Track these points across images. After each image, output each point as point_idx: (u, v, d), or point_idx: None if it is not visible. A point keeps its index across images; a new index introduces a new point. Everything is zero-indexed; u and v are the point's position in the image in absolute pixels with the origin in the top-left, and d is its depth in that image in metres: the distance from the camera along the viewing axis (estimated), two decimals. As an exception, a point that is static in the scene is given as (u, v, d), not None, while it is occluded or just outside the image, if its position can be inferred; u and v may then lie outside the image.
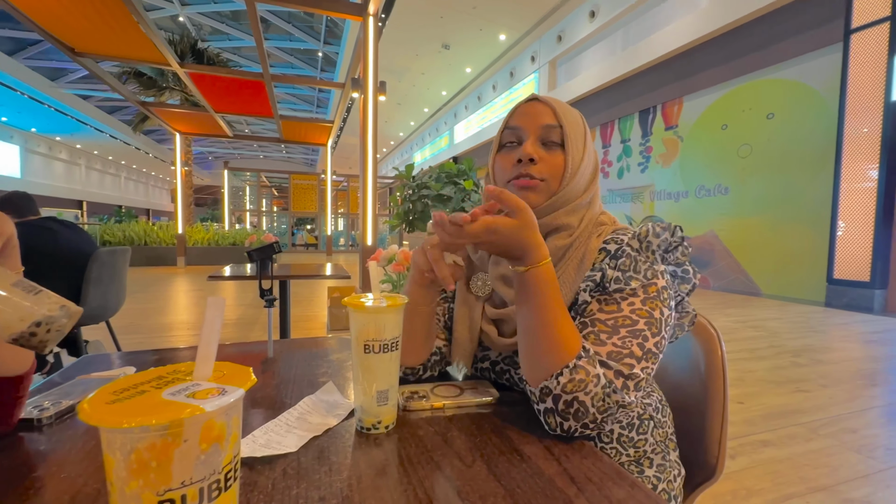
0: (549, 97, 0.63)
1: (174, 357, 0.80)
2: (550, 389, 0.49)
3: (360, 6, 4.26)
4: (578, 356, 0.49)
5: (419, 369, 0.65)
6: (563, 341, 0.50)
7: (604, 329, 0.53)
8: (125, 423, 0.21)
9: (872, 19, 4.75)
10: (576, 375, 0.48)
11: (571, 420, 0.48)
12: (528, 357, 0.52)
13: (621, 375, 0.50)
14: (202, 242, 10.40)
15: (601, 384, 0.48)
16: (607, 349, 0.51)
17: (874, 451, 1.70)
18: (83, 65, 5.25)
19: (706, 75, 6.83)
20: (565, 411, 0.48)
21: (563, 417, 0.48)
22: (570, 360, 0.49)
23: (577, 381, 0.48)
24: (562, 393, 0.48)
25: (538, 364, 0.51)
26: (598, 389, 0.48)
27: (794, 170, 5.64)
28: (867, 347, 3.30)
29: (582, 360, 0.49)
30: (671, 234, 0.57)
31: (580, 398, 0.48)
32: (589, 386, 0.48)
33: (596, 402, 0.48)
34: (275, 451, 0.43)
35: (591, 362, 0.49)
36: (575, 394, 0.48)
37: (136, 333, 3.45)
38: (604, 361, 0.50)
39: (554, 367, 0.49)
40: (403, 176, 5.13)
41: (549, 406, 0.49)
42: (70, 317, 0.40)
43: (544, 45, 10.99)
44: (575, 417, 0.48)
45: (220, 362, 0.29)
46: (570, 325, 0.51)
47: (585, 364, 0.49)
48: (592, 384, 0.48)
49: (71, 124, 19.96)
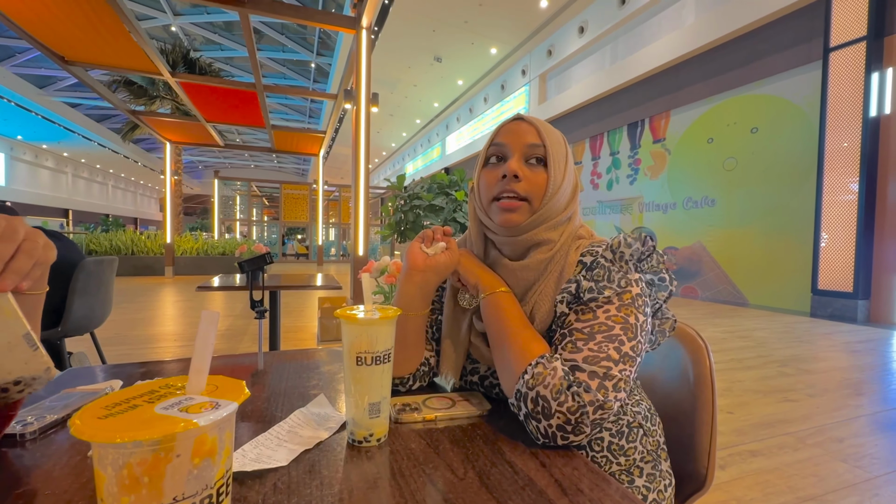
0: (534, 117, 0.65)
1: (161, 370, 0.79)
2: (520, 391, 0.52)
3: (354, 19, 4.31)
4: (541, 356, 0.54)
5: (408, 379, 0.66)
6: (526, 348, 0.55)
7: (580, 337, 0.54)
8: (118, 438, 0.21)
9: (850, 38, 4.92)
10: (535, 370, 0.52)
11: (543, 419, 0.49)
12: (501, 368, 0.57)
13: (597, 376, 0.50)
14: (191, 252, 10.28)
15: (558, 376, 0.50)
16: (583, 354, 0.52)
17: (860, 461, 1.71)
18: (73, 73, 5.21)
19: (692, 90, 7.00)
20: (535, 410, 0.50)
21: (536, 418, 0.50)
22: (531, 360, 0.54)
23: (536, 375, 0.52)
24: (527, 391, 0.51)
25: (509, 371, 0.55)
26: (554, 381, 0.50)
27: (779, 182, 5.78)
28: (852, 357, 3.36)
29: (543, 358, 0.53)
30: (642, 244, 0.59)
31: (541, 392, 0.50)
32: (547, 378, 0.51)
33: (555, 395, 0.49)
34: (265, 466, 0.43)
35: (550, 360, 0.53)
36: (536, 388, 0.51)
37: (122, 345, 3.38)
38: (577, 365, 0.51)
39: (520, 370, 0.54)
40: (395, 186, 5.15)
41: (525, 410, 0.51)
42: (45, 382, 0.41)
43: (535, 59, 11.18)
44: (543, 415, 0.49)
45: (213, 376, 0.29)
46: (531, 336, 0.57)
47: (544, 361, 0.53)
48: (549, 376, 0.51)
49: (58, 132, 19.72)
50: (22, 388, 0.39)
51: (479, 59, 12.25)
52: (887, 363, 3.21)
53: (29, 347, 0.39)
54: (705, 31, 6.58)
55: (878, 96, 4.77)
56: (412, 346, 0.66)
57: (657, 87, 7.65)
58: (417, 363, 0.67)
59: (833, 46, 5.06)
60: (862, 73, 4.81)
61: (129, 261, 9.46)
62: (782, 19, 5.73)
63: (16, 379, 0.39)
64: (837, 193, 5.04)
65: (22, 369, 0.39)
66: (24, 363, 0.39)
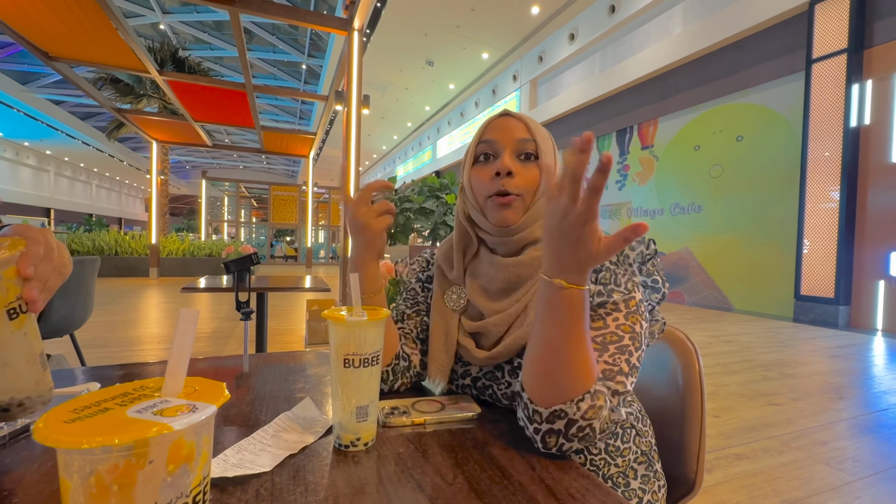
0: (520, 113, 0.65)
1: (142, 372, 0.77)
2: (567, 413, 0.46)
3: (346, 21, 4.30)
4: (597, 380, 0.49)
5: (387, 373, 0.64)
6: (589, 366, 0.48)
7: (594, 346, 0.53)
8: (85, 444, 0.20)
9: (831, 50, 5.05)
10: (596, 402, 0.47)
11: (576, 442, 0.47)
12: (547, 377, 0.48)
13: (617, 394, 0.50)
14: (177, 253, 10.10)
15: (609, 406, 0.48)
16: (600, 367, 0.51)
17: (843, 464, 1.74)
18: (57, 70, 5.10)
19: (679, 98, 7.12)
20: (574, 435, 0.47)
21: (568, 440, 0.47)
22: (591, 386, 0.47)
23: (597, 409, 0.47)
24: (580, 419, 0.46)
25: (557, 386, 0.47)
26: (607, 413, 0.48)
27: (763, 190, 5.89)
28: (833, 361, 3.42)
29: (598, 384, 0.48)
30: (646, 247, 0.59)
31: (594, 424, 0.47)
32: (603, 412, 0.47)
33: (603, 426, 0.48)
34: (248, 471, 0.41)
35: (604, 385, 0.49)
36: (591, 420, 0.47)
37: (102, 347, 3.30)
38: (604, 382, 0.50)
39: (576, 392, 0.46)
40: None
41: (555, 428, 0.47)
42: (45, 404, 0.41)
43: (526, 64, 11.28)
44: (582, 440, 0.47)
45: (191, 377, 0.28)
46: (591, 349, 0.49)
47: (602, 388, 0.48)
48: (605, 409, 0.48)
49: (41, 129, 19.28)
50: (24, 409, 0.39)
51: (470, 64, 12.32)
52: (867, 367, 3.28)
53: (41, 368, 0.40)
54: (692, 41, 6.70)
55: (858, 107, 4.90)
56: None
57: (645, 95, 7.76)
58: (391, 356, 0.65)
59: (815, 58, 5.19)
60: (843, 85, 4.94)
61: (112, 261, 9.26)
62: (767, 31, 5.87)
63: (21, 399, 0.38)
64: (819, 201, 5.15)
65: (32, 389, 0.39)
66: (35, 383, 0.40)
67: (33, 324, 0.40)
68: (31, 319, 0.40)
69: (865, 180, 4.94)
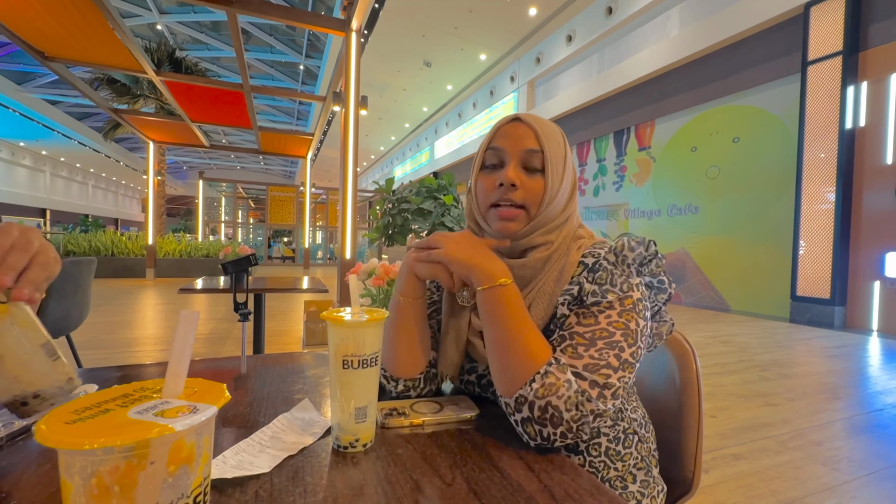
0: (532, 117, 0.63)
1: (140, 374, 0.76)
2: (525, 397, 0.50)
3: (343, 22, 4.30)
4: (549, 363, 0.51)
5: (419, 381, 0.63)
6: (532, 351, 0.53)
7: (581, 342, 0.54)
8: (86, 445, 0.20)
9: (826, 53, 5.09)
10: (546, 380, 0.50)
11: (549, 426, 0.49)
12: (500, 369, 0.54)
13: (597, 385, 0.51)
14: (173, 254, 10.06)
15: (573, 389, 0.50)
16: (584, 361, 0.52)
17: (839, 464, 1.75)
18: (53, 70, 5.08)
19: (676, 100, 7.14)
20: (542, 417, 0.49)
21: (541, 424, 0.49)
22: (540, 368, 0.51)
23: (548, 385, 0.50)
24: (535, 399, 0.50)
25: (510, 375, 0.52)
26: (570, 393, 0.49)
27: (759, 191, 5.92)
28: (829, 362, 3.44)
29: (552, 366, 0.51)
30: (645, 249, 0.59)
31: (553, 402, 0.49)
32: (560, 390, 0.49)
33: (569, 406, 0.49)
34: (246, 473, 0.41)
35: (561, 369, 0.51)
36: (548, 398, 0.49)
37: (98, 348, 3.28)
38: (578, 373, 0.51)
39: (526, 376, 0.51)
40: (384, 190, 5.13)
41: (525, 415, 0.50)
42: (69, 394, 0.40)
43: (523, 65, 11.30)
44: (551, 423, 0.49)
45: (191, 378, 0.28)
46: (537, 337, 0.54)
47: (555, 370, 0.51)
48: (564, 388, 0.50)
49: (37, 130, 19.17)
50: (41, 400, 0.38)
51: (468, 65, 12.33)
52: (862, 368, 3.30)
53: (48, 358, 0.38)
54: (689, 43, 6.73)
55: (853, 109, 4.93)
56: (419, 340, 0.62)
57: (642, 96, 7.79)
58: (427, 361, 0.64)
59: (811, 60, 5.22)
60: (838, 87, 4.97)
61: (108, 262, 9.22)
62: (763, 33, 5.90)
63: (35, 392, 0.37)
64: (815, 203, 5.18)
65: (41, 381, 0.38)
66: (43, 374, 0.38)
67: (24, 314, 0.39)
68: (18, 309, 0.38)
69: (861, 182, 4.97)
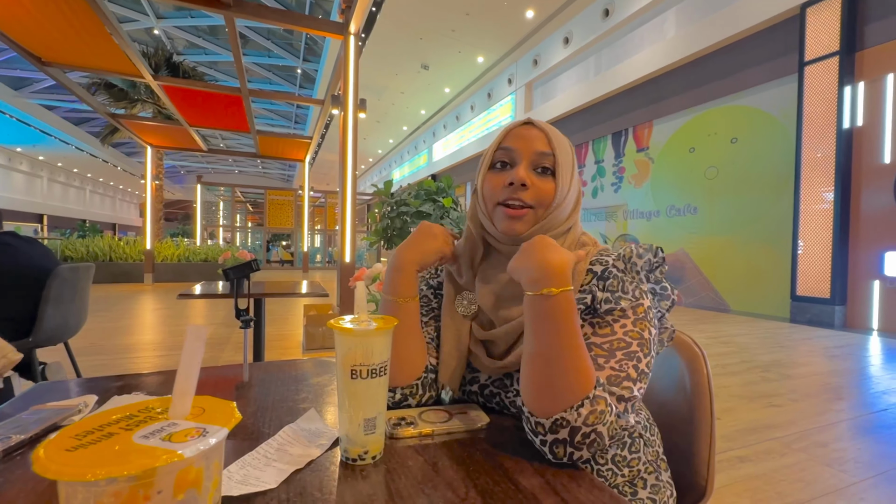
0: (543, 122, 0.64)
1: (140, 383, 0.75)
2: (568, 421, 0.46)
3: (341, 25, 4.30)
4: (595, 385, 0.48)
5: (416, 387, 0.61)
6: (584, 371, 0.48)
7: (601, 353, 0.53)
8: (89, 476, 0.18)
9: (823, 53, 5.10)
10: (597, 407, 0.47)
11: (585, 451, 0.47)
12: (542, 387, 0.48)
13: (623, 400, 0.50)
14: (172, 259, 10.02)
15: (614, 412, 0.48)
16: (606, 374, 0.51)
17: (844, 465, 1.74)
18: (50, 75, 5.07)
19: (674, 101, 7.16)
20: (580, 443, 0.46)
21: (577, 448, 0.46)
22: (590, 391, 0.47)
23: (598, 413, 0.47)
24: (582, 425, 0.46)
25: (554, 395, 0.47)
26: (612, 418, 0.48)
27: (758, 191, 5.92)
28: (831, 362, 3.43)
29: (598, 388, 0.48)
30: (653, 255, 0.59)
31: (599, 429, 0.46)
32: (607, 416, 0.47)
33: (611, 431, 0.47)
34: (253, 489, 0.40)
35: (605, 391, 0.49)
36: (595, 426, 0.46)
37: (97, 355, 3.26)
38: (605, 387, 0.50)
39: (574, 399, 0.47)
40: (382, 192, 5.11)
41: (560, 437, 0.46)
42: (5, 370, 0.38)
43: (521, 68, 11.31)
44: (590, 447, 0.47)
45: (199, 396, 0.26)
46: (587, 354, 0.49)
47: (602, 393, 0.48)
48: (609, 414, 0.47)
49: (34, 135, 19.11)
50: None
51: (465, 68, 12.34)
52: (864, 368, 3.29)
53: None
54: (686, 44, 6.75)
55: (850, 109, 4.95)
56: (413, 345, 0.61)
57: (640, 98, 7.80)
58: (423, 366, 0.62)
59: (808, 61, 5.23)
60: (835, 87, 4.98)
61: (106, 267, 9.17)
62: (759, 34, 5.92)
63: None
64: (814, 202, 5.19)
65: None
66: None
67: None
68: None
69: (859, 181, 4.98)
